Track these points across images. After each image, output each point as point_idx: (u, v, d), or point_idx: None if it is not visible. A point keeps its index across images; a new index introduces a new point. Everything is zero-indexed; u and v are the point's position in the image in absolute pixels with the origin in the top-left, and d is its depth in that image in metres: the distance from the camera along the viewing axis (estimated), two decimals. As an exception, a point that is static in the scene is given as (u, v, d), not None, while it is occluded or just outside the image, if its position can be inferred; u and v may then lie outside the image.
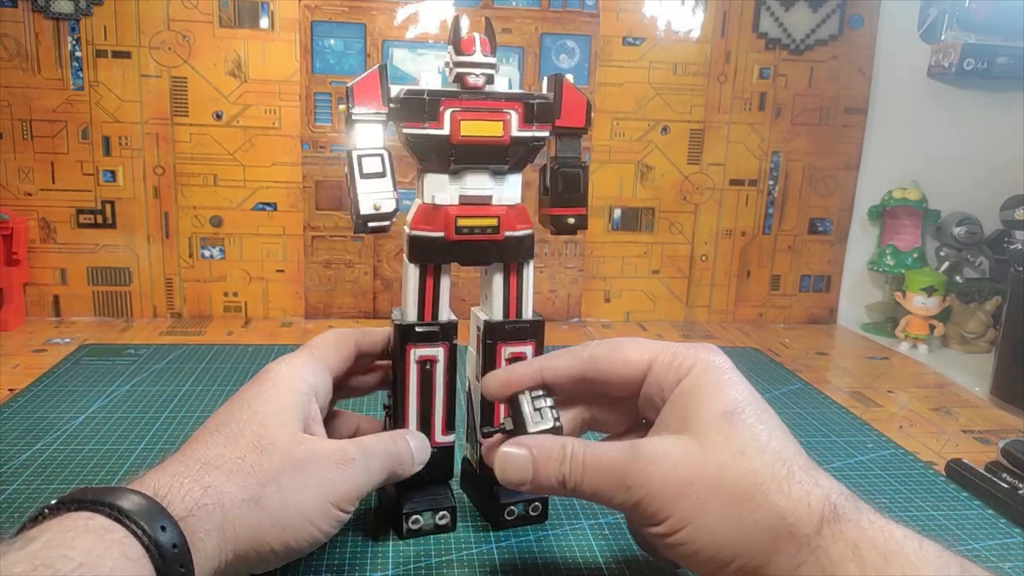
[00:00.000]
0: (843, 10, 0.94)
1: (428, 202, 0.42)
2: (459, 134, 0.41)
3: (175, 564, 0.30)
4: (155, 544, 0.30)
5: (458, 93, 0.41)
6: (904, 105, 0.97)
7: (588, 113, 0.44)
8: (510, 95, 0.42)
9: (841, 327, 1.00)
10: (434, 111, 0.41)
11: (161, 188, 0.88)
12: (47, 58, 0.83)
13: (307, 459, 0.37)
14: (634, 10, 0.91)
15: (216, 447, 0.36)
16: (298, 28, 0.86)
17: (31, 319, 0.88)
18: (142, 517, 0.30)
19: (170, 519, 0.31)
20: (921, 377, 0.82)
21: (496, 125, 0.42)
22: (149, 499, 0.31)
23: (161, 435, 0.57)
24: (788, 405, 0.69)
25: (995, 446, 0.60)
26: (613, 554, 0.44)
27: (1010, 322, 0.73)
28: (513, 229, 0.43)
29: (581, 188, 0.45)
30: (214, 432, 0.37)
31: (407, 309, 0.44)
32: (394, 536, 0.45)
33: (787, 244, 0.99)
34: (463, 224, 0.42)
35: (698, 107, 0.94)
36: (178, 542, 0.30)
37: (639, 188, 0.95)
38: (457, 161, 0.42)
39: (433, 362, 0.44)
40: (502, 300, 0.45)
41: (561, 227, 0.45)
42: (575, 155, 0.45)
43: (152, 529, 0.30)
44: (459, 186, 0.42)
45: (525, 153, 0.43)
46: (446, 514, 0.45)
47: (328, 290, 0.92)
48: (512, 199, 0.43)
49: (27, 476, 0.50)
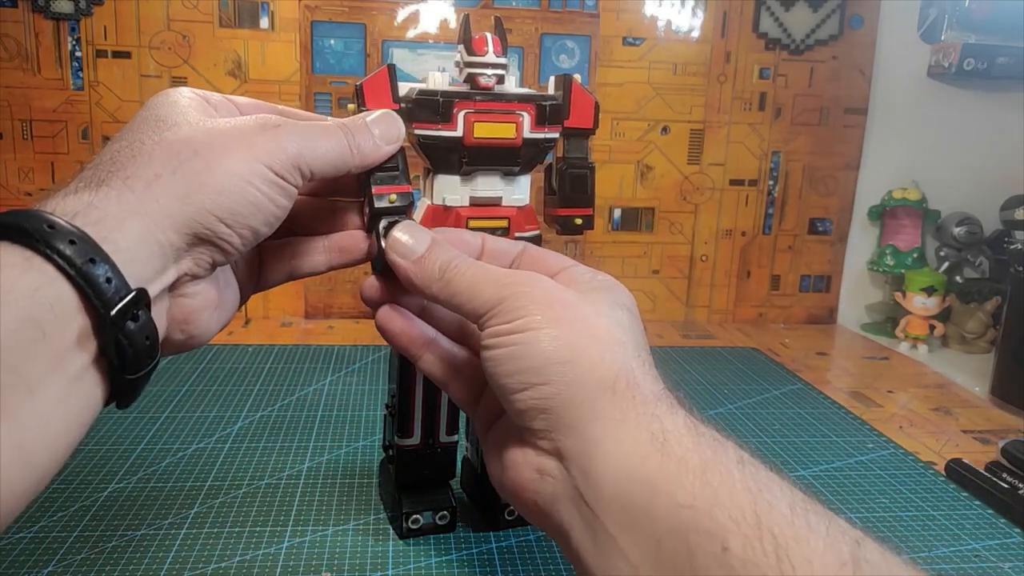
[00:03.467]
0: (843, 10, 0.94)
1: (438, 203, 0.42)
2: (472, 136, 0.41)
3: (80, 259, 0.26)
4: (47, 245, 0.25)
5: (471, 94, 0.41)
6: (904, 105, 0.97)
7: (596, 114, 0.44)
8: (522, 96, 0.42)
9: (841, 327, 1.00)
10: (448, 112, 0.40)
11: (161, 188, 0.87)
12: (47, 58, 0.83)
13: (222, 127, 0.32)
14: (634, 10, 0.91)
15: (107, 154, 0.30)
16: (298, 28, 0.86)
17: (31, 319, 0.88)
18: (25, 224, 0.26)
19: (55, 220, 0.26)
20: (921, 377, 0.82)
21: (509, 127, 0.41)
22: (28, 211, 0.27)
23: (161, 435, 0.57)
24: (788, 405, 0.69)
25: (995, 446, 0.60)
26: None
27: (1010, 322, 0.74)
28: (522, 230, 0.43)
29: (589, 189, 0.45)
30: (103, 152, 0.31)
31: None
32: (394, 536, 0.45)
33: (787, 244, 0.99)
34: (474, 226, 0.42)
35: (698, 107, 0.94)
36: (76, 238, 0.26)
37: (639, 188, 0.95)
38: (469, 163, 0.42)
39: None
40: None
41: (568, 228, 0.45)
42: (583, 155, 0.45)
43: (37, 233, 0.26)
44: (470, 187, 0.42)
45: (536, 155, 0.43)
46: (446, 514, 0.45)
47: (328, 290, 0.92)
48: (521, 200, 0.43)
49: (27, 476, 0.50)
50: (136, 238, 0.28)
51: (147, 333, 0.28)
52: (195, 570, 0.41)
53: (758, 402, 0.70)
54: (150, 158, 0.30)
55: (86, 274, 0.26)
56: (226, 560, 0.42)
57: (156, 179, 0.29)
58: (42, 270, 0.25)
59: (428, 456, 0.45)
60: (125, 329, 0.27)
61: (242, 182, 0.31)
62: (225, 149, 0.31)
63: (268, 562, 0.42)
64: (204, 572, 0.41)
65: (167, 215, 0.29)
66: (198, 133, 0.31)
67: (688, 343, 0.89)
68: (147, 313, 0.28)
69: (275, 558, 0.42)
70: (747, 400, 0.70)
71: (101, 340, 0.27)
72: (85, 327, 0.26)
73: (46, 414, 0.26)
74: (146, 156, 0.30)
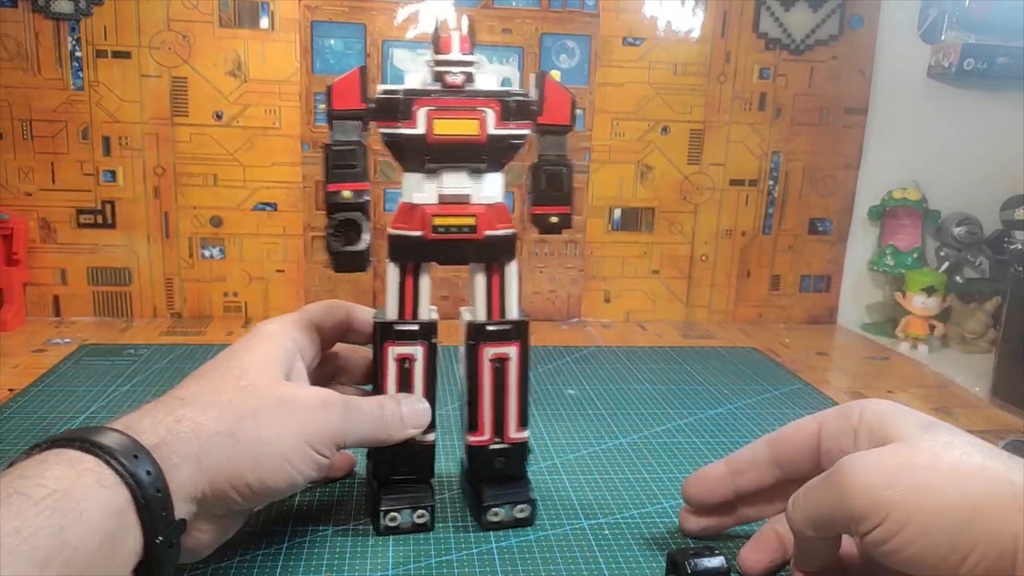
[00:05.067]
0: (843, 10, 0.94)
1: (407, 201, 0.42)
2: (434, 133, 0.41)
3: (150, 490, 0.31)
4: (128, 471, 0.30)
5: (432, 92, 0.41)
6: (904, 105, 0.97)
7: (573, 110, 0.44)
8: (487, 93, 0.42)
9: (841, 327, 1.00)
10: (407, 110, 0.41)
11: (161, 188, 0.88)
12: (47, 58, 0.83)
13: (286, 398, 0.38)
14: (634, 10, 0.91)
15: (195, 387, 0.37)
16: (298, 28, 0.86)
17: (31, 319, 0.88)
18: (114, 446, 0.31)
19: (142, 448, 0.32)
20: (921, 377, 0.82)
21: (472, 123, 0.41)
22: (120, 432, 0.32)
23: (161, 435, 0.57)
24: (788, 405, 0.69)
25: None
26: (614, 555, 0.44)
27: (1010, 322, 0.74)
28: (493, 228, 0.43)
29: (565, 187, 0.44)
30: (197, 377, 0.38)
31: (388, 307, 0.44)
32: (394, 536, 0.45)
33: (787, 244, 0.99)
34: (439, 223, 0.42)
35: (698, 107, 0.94)
36: (152, 469, 0.31)
37: (639, 188, 0.95)
38: (433, 160, 0.42)
39: (411, 360, 0.44)
40: (485, 301, 0.44)
41: (544, 226, 0.45)
42: (560, 153, 0.44)
43: (125, 456, 0.31)
44: (437, 185, 0.42)
45: (504, 151, 0.43)
46: (424, 512, 0.45)
47: (328, 290, 0.92)
48: (492, 198, 0.43)
49: (27, 476, 0.50)
50: (187, 479, 0.33)
51: (176, 555, 0.33)
52: (195, 570, 0.41)
53: (758, 402, 0.70)
54: (220, 413, 0.35)
55: (152, 503, 0.31)
56: (226, 560, 0.42)
57: (216, 435, 0.34)
58: (117, 490, 0.30)
59: (405, 453, 0.44)
60: (164, 552, 0.32)
61: (281, 459, 0.36)
62: (279, 423, 0.36)
63: (268, 562, 0.42)
64: (204, 572, 0.41)
65: (211, 468, 0.34)
66: (265, 403, 0.37)
67: (688, 343, 0.89)
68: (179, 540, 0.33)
69: (275, 558, 0.42)
70: (747, 400, 0.70)
71: (147, 558, 0.31)
72: (138, 545, 0.31)
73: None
74: (218, 410, 0.35)
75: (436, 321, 0.45)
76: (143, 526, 0.31)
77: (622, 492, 0.51)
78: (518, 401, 0.45)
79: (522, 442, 0.46)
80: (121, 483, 0.30)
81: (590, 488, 0.52)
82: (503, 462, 0.46)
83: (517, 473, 0.46)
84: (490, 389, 0.45)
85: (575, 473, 0.54)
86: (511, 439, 0.46)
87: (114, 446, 0.31)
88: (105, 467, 0.30)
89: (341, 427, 0.39)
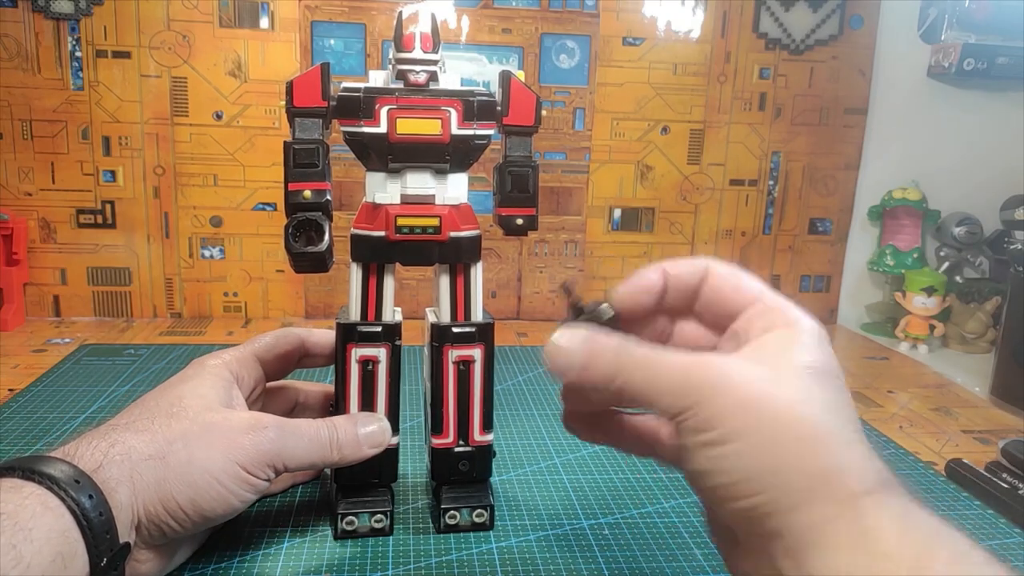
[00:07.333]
0: (843, 10, 0.94)
1: (370, 200, 0.42)
2: (396, 132, 0.41)
3: (93, 513, 0.32)
4: (70, 496, 0.32)
5: (394, 91, 0.41)
6: (904, 105, 0.97)
7: (538, 111, 0.43)
8: (450, 92, 0.41)
9: (841, 327, 1.00)
10: (369, 109, 0.40)
11: (161, 188, 0.88)
12: (47, 58, 0.83)
13: (216, 422, 0.38)
14: (634, 10, 0.91)
15: (129, 416, 0.38)
16: (298, 28, 0.86)
17: (31, 319, 0.88)
18: (56, 474, 0.32)
19: (83, 474, 0.33)
20: (921, 377, 0.82)
21: (434, 123, 0.41)
22: (60, 460, 0.33)
23: (161, 435, 0.57)
24: (788, 405, 0.69)
25: (995, 446, 0.60)
26: (614, 555, 0.44)
27: (1010, 322, 0.73)
28: (457, 229, 0.42)
29: (530, 188, 0.44)
30: (133, 407, 0.40)
31: (350, 308, 0.43)
32: (394, 536, 0.45)
33: (787, 244, 0.99)
34: (403, 224, 0.41)
35: (698, 107, 0.94)
36: (94, 493, 0.32)
37: (639, 188, 0.95)
38: (396, 160, 0.41)
39: (375, 362, 0.43)
40: (449, 302, 0.44)
41: (509, 228, 0.44)
42: (525, 154, 0.44)
43: (67, 483, 0.32)
44: (400, 185, 0.42)
45: (468, 152, 0.42)
46: (382, 517, 0.44)
47: (328, 290, 0.92)
48: (456, 198, 0.42)
49: (27, 476, 0.50)
50: (125, 502, 0.34)
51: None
52: (195, 570, 0.41)
53: (758, 402, 0.70)
54: (152, 438, 0.36)
55: (95, 526, 0.32)
56: (226, 560, 0.42)
57: (148, 459, 0.35)
58: (61, 514, 0.31)
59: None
60: (108, 574, 0.33)
61: (212, 481, 0.36)
62: (209, 445, 0.37)
63: (268, 562, 0.42)
64: (204, 572, 0.41)
65: (143, 490, 0.35)
66: (195, 427, 0.37)
67: (688, 343, 0.89)
68: (124, 562, 0.34)
69: (275, 558, 0.42)
70: (747, 400, 0.70)
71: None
72: (85, 569, 0.32)
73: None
74: (149, 435, 0.36)
75: (400, 323, 0.44)
76: (88, 549, 0.31)
77: (622, 492, 0.51)
78: (482, 404, 0.45)
79: (486, 445, 0.46)
80: (64, 507, 0.31)
81: (590, 488, 0.52)
82: (467, 465, 0.45)
83: (481, 476, 0.46)
84: (454, 391, 0.45)
85: (575, 473, 0.54)
86: (475, 442, 0.45)
87: (56, 474, 0.32)
88: (48, 493, 0.31)
89: (274, 449, 0.38)
